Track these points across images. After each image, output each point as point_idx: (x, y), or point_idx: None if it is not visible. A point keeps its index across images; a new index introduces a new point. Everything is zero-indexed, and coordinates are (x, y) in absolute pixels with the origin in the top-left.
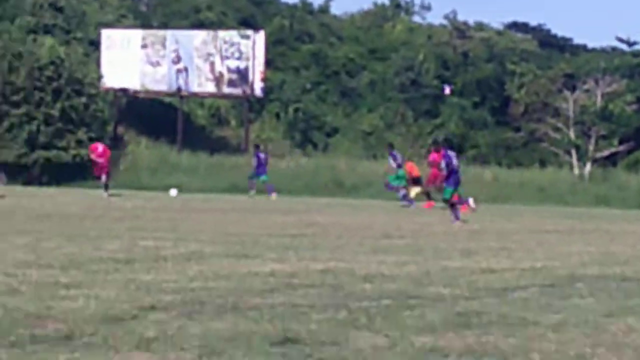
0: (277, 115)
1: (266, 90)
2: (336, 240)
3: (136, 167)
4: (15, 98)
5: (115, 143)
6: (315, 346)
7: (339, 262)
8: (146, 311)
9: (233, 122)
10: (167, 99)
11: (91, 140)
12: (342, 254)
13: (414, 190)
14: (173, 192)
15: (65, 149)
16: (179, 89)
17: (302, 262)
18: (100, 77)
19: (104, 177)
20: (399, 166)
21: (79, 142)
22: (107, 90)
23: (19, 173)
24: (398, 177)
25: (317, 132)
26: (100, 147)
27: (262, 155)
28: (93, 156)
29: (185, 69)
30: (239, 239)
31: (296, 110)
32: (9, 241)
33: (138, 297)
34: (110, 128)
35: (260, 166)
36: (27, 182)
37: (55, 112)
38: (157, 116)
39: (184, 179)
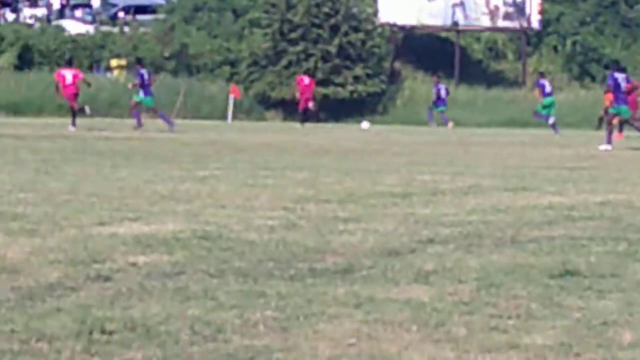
0: (555, 48)
1: (543, 23)
2: (615, 172)
3: (413, 102)
4: (293, 35)
5: (392, 78)
6: (594, 278)
7: (618, 194)
8: (424, 244)
9: (510, 56)
10: (443, 34)
11: (368, 76)
12: (621, 186)
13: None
14: (365, 125)
15: (342, 85)
16: (455, 24)
17: (580, 194)
18: (376, 12)
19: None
20: (547, 95)
21: (356, 79)
22: (383, 26)
23: (296, 110)
24: (544, 107)
25: (595, 64)
26: (306, 79)
27: (440, 88)
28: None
29: (462, 3)
30: (517, 172)
31: (574, 43)
32: (288, 176)
33: (416, 230)
34: (387, 64)
35: (439, 99)
36: (305, 119)
37: (333, 49)
38: (433, 51)
39: (462, 113)
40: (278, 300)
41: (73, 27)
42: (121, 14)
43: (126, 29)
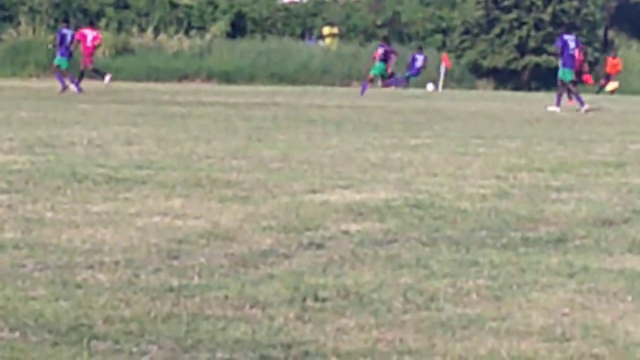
0: None
1: None
2: None
3: (627, 71)
4: (506, 3)
5: (605, 47)
6: None
7: None
8: (638, 214)
9: None
10: None
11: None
12: None
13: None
14: (429, 86)
15: (555, 53)
16: None
17: None
18: None
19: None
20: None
21: None
22: None
23: (508, 78)
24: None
25: None
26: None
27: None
28: None
29: None
30: None
31: None
32: (500, 145)
33: (630, 200)
34: (600, 32)
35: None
36: (516, 87)
37: (546, 17)
38: None
39: None
40: (491, 269)
41: None
42: None
43: None
